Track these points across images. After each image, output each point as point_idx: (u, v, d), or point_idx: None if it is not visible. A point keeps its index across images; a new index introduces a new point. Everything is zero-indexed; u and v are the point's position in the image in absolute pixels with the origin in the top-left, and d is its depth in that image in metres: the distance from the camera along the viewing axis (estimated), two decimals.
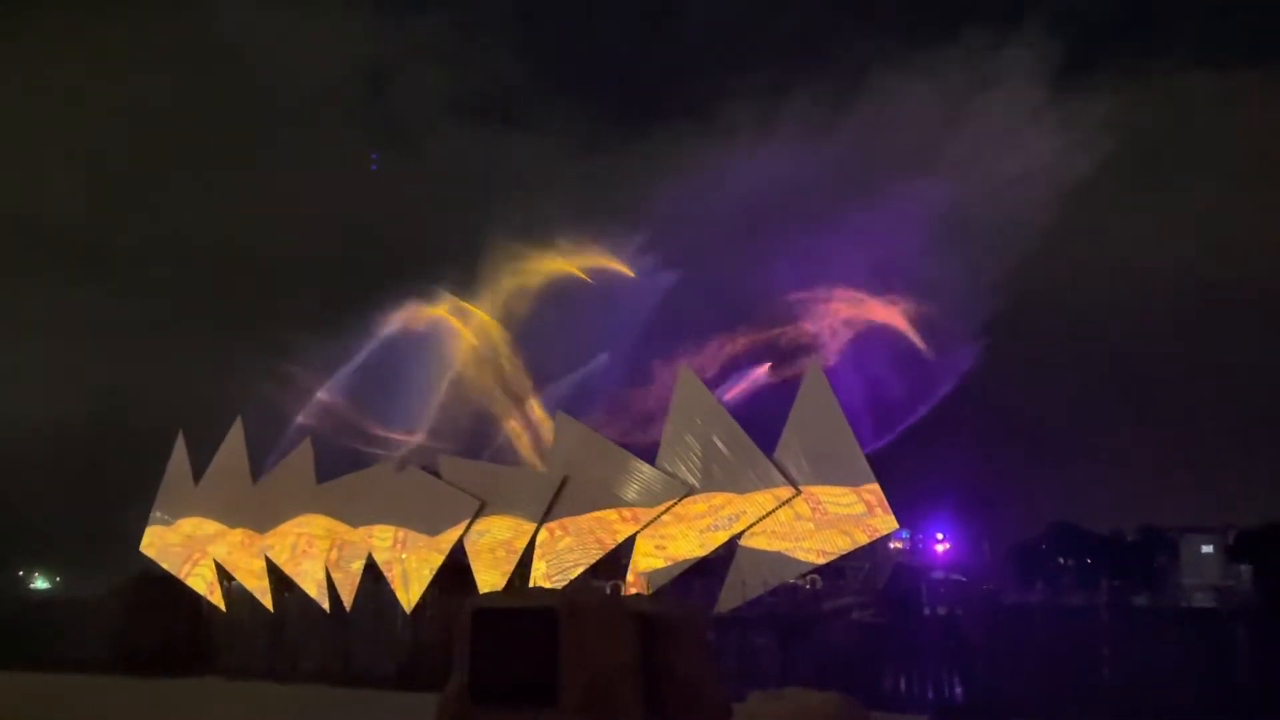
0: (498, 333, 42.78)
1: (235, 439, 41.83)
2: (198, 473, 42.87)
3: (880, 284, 35.11)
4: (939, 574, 36.78)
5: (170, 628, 38.05)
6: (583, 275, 42.14)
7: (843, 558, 31.06)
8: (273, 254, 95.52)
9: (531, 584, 32.47)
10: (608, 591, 29.68)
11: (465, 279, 44.64)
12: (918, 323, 34.86)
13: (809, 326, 35.13)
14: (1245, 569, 59.02)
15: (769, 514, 30.69)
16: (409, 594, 35.66)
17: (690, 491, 31.79)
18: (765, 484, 30.85)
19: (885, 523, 29.96)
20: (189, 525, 42.28)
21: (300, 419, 42.25)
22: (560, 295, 42.54)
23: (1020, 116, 56.34)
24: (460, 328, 43.14)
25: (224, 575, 40.67)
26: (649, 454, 33.24)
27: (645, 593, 30.07)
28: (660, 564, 31.66)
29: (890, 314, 34.96)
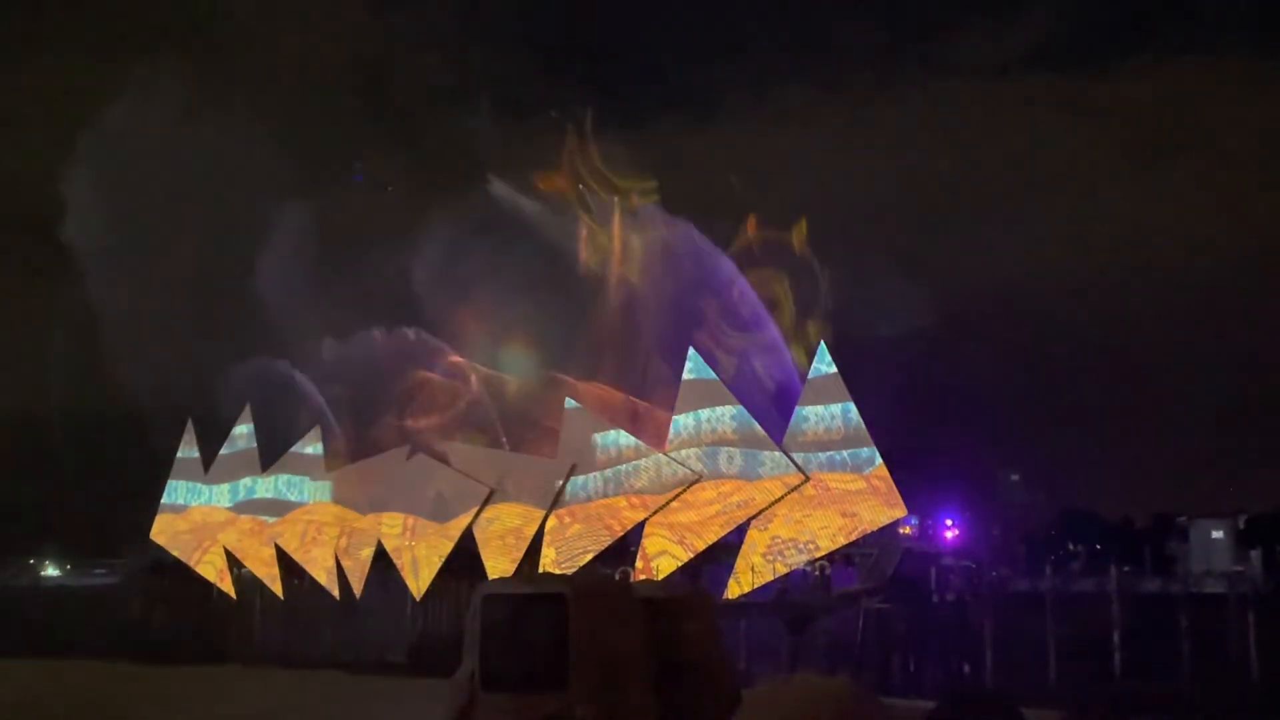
0: None
1: (244, 427, 41.90)
2: (206, 461, 43.00)
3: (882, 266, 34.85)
4: (948, 560, 36.61)
5: (182, 615, 38.25)
6: None
7: (851, 544, 31.05)
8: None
9: (541, 571, 32.51)
10: (617, 577, 29.70)
11: None
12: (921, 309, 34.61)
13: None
14: (1256, 554, 58.78)
15: (778, 500, 30.67)
16: (419, 581, 35.76)
17: (698, 478, 31.77)
18: (774, 470, 30.82)
19: (894, 508, 29.92)
20: (199, 513, 42.44)
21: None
22: None
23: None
24: None
25: (234, 562, 40.81)
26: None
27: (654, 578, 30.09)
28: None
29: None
